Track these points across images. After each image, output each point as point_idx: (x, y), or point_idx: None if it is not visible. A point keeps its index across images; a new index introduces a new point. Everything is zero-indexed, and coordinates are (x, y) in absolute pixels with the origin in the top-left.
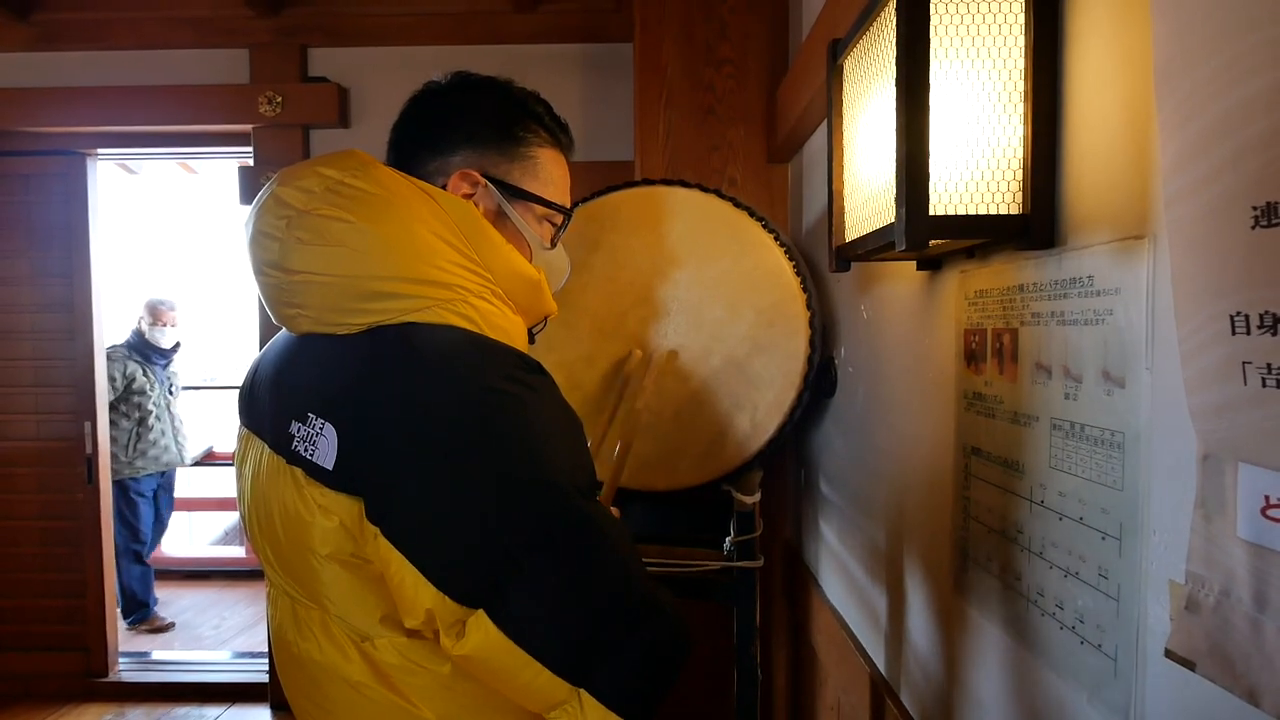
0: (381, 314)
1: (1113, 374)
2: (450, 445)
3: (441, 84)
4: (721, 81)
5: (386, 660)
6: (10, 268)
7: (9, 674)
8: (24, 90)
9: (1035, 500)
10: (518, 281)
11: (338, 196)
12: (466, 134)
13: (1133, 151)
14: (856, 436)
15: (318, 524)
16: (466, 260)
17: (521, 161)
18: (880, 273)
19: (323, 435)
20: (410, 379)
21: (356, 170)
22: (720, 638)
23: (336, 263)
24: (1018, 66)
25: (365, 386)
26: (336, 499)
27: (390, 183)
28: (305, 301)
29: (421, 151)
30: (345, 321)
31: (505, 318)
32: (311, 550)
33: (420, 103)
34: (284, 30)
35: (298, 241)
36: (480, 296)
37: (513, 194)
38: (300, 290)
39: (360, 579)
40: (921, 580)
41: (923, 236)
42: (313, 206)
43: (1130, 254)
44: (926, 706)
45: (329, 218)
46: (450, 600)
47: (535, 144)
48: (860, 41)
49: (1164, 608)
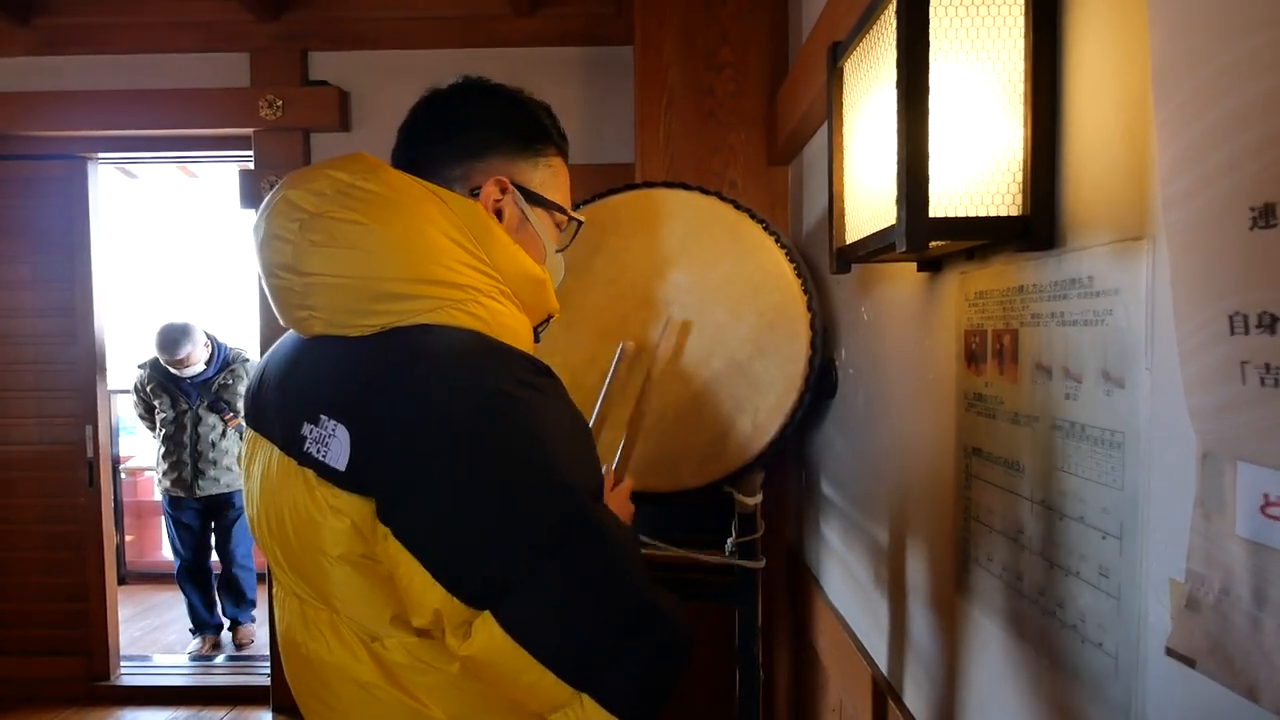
0: (394, 315)
1: (1112, 374)
2: (461, 447)
3: (455, 89)
4: (722, 85)
5: (396, 660)
6: (11, 272)
7: (11, 678)
8: (25, 94)
9: (1036, 500)
10: (525, 281)
11: (349, 199)
12: (492, 141)
13: (1131, 154)
14: (857, 438)
15: (329, 525)
16: (476, 260)
17: (543, 170)
18: (881, 274)
19: (335, 436)
20: (422, 381)
21: (367, 173)
22: (721, 638)
23: (349, 264)
24: (1017, 69)
25: (378, 388)
26: (349, 500)
27: (400, 184)
28: (318, 303)
29: (442, 157)
30: (358, 323)
31: (514, 317)
32: (322, 551)
33: (435, 107)
34: (284, 34)
35: (311, 244)
36: (490, 296)
37: (534, 200)
38: (313, 292)
39: (370, 579)
40: (923, 580)
41: (923, 238)
42: (325, 209)
43: (1130, 255)
44: (928, 706)
45: (341, 220)
46: (458, 601)
47: (551, 153)
48: (860, 44)
49: (1164, 606)
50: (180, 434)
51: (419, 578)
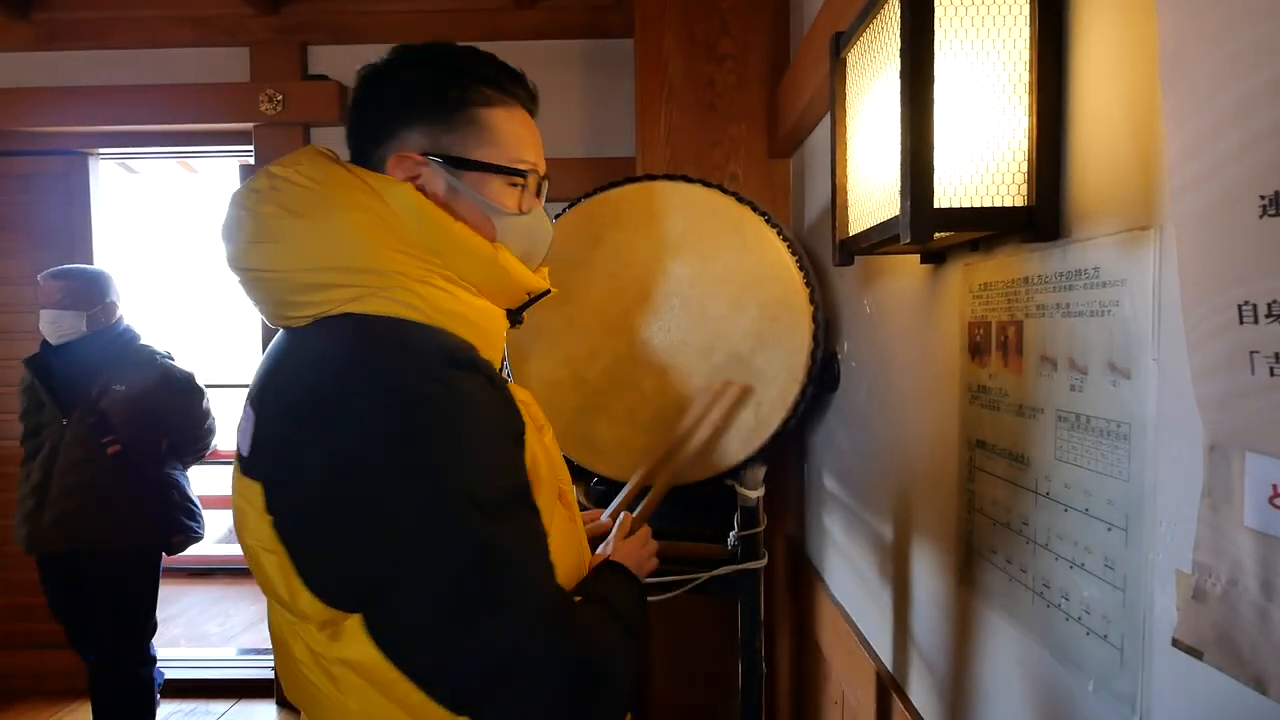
0: (321, 305)
1: (1119, 365)
2: (344, 443)
3: (378, 65)
4: (722, 77)
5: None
6: (12, 268)
7: (17, 671)
8: (25, 90)
9: (1040, 492)
10: (472, 261)
11: (278, 194)
12: (402, 115)
13: (1138, 142)
14: (860, 431)
15: (250, 513)
16: (404, 245)
17: (466, 128)
18: (883, 267)
19: (247, 422)
20: (321, 370)
21: (299, 166)
22: (723, 631)
23: (276, 258)
24: (1023, 58)
25: (281, 375)
26: (251, 486)
27: (324, 176)
28: (259, 297)
29: (367, 143)
30: (290, 315)
31: (459, 301)
32: (253, 539)
33: (359, 89)
34: (284, 28)
35: (247, 242)
36: (423, 281)
37: (461, 166)
38: (253, 287)
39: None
40: (926, 573)
41: (928, 230)
42: (258, 206)
43: (1136, 245)
44: (932, 698)
45: (267, 215)
46: (320, 602)
47: (478, 104)
48: (864, 34)
49: (1170, 597)
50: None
51: (290, 570)
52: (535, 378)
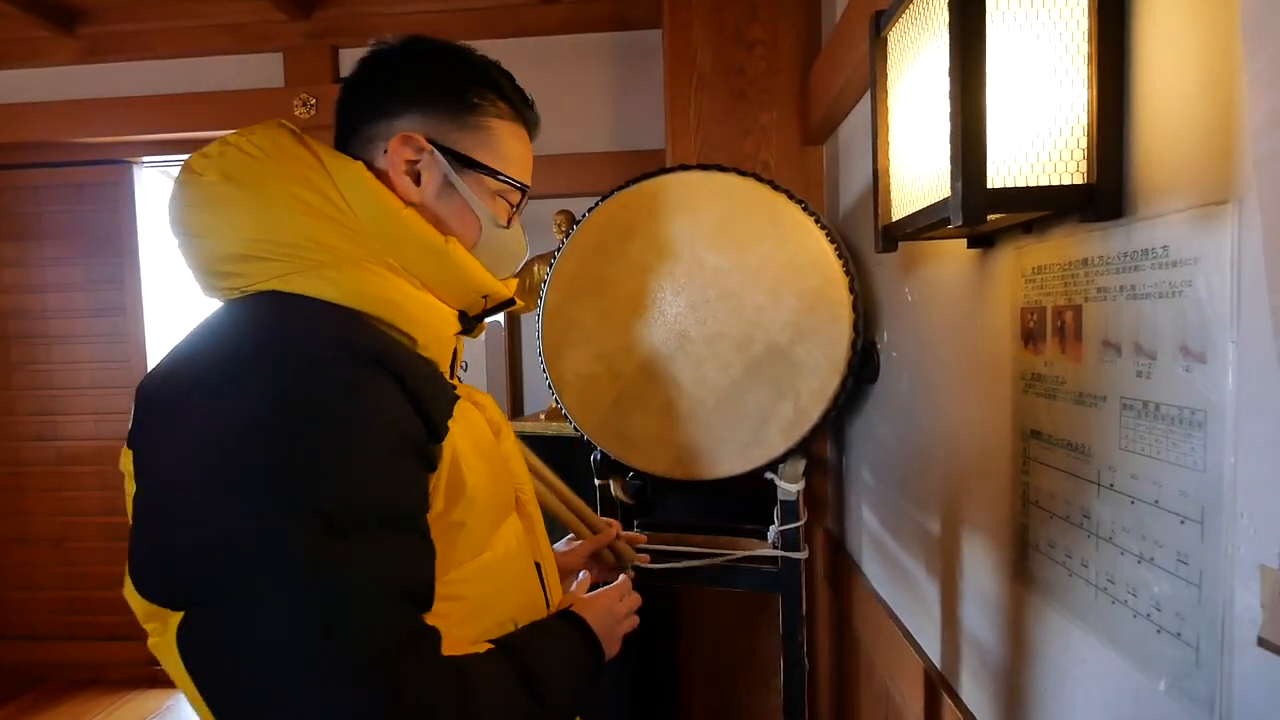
0: (248, 277)
1: (1192, 349)
2: (203, 425)
3: (391, 45)
4: (753, 64)
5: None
6: (66, 274)
7: (79, 662)
8: (72, 102)
9: (1104, 484)
10: (418, 251)
11: (224, 159)
12: (415, 98)
13: (1212, 111)
14: (901, 422)
15: (128, 484)
16: (342, 226)
17: (475, 131)
18: (925, 253)
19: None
20: (214, 346)
21: (253, 135)
22: (762, 625)
23: (209, 224)
24: (1080, 28)
25: (185, 345)
26: (127, 455)
27: (271, 147)
28: (192, 264)
29: (365, 114)
30: (221, 285)
31: (398, 291)
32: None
33: (367, 64)
34: (315, 32)
35: (186, 205)
36: (356, 264)
37: (463, 163)
38: (187, 252)
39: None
40: (976, 568)
41: (980, 211)
42: (204, 171)
43: (1211, 220)
44: (984, 697)
45: (209, 182)
46: (138, 595)
47: (492, 114)
48: (907, 10)
49: (1254, 594)
50: None
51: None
52: (571, 373)
